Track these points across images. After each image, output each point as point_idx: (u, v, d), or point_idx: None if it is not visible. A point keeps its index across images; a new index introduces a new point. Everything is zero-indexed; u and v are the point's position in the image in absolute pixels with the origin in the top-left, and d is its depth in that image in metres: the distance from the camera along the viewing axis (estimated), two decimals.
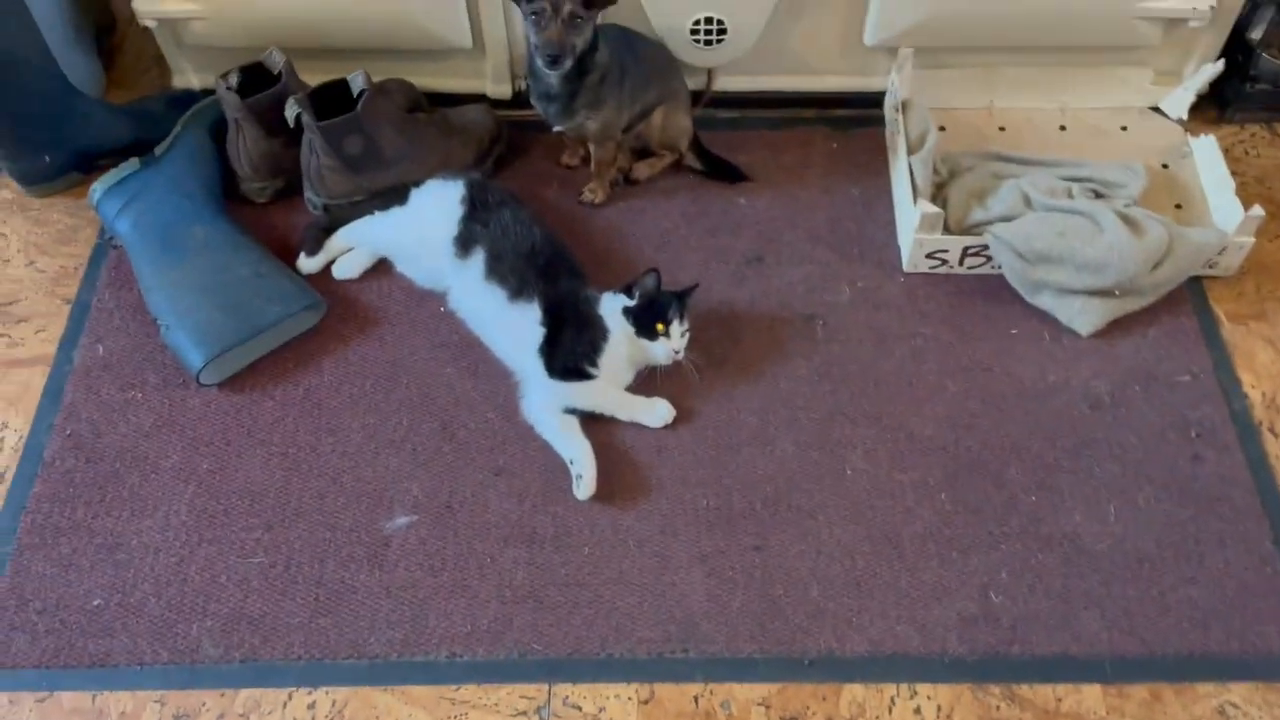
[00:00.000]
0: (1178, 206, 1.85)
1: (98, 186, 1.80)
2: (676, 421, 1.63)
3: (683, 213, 1.90)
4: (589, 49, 1.65)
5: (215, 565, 1.50)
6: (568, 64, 1.62)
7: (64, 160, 1.91)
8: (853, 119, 2.03)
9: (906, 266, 1.80)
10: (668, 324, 1.60)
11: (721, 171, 1.94)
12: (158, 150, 1.85)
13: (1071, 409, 1.64)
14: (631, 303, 1.62)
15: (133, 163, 1.82)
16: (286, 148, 1.84)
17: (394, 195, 1.80)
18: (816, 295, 1.78)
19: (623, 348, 1.62)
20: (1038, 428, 1.62)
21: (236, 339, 1.64)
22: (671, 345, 1.61)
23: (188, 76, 2.05)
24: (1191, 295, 1.76)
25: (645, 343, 1.61)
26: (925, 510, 1.54)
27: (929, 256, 1.77)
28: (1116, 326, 1.72)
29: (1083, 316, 1.70)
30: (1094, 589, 1.46)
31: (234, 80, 1.78)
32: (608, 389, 1.63)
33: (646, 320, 1.60)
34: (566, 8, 1.57)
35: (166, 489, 1.57)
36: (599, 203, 1.90)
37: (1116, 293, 1.69)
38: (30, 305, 1.80)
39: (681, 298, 1.64)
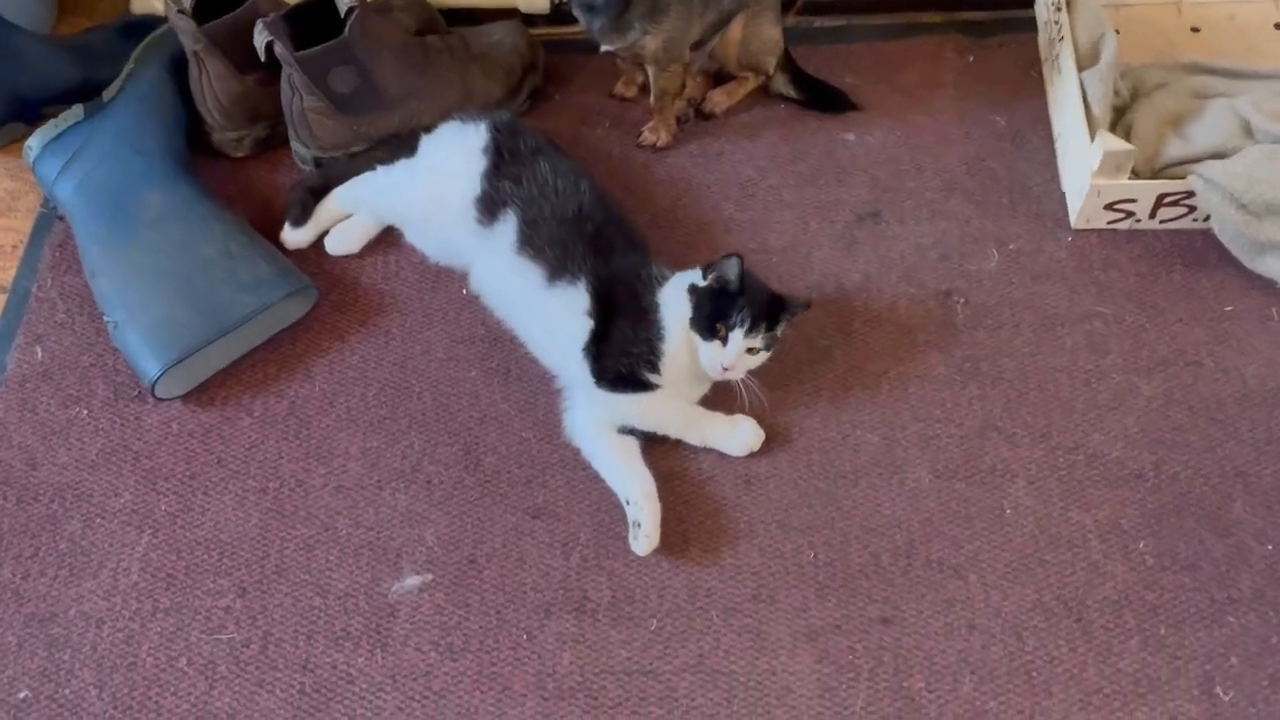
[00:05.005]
0: None
1: (34, 142, 1.53)
2: (770, 443, 1.33)
3: (772, 156, 1.62)
4: None
5: (174, 643, 1.23)
6: None
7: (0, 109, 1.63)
8: (994, 23, 1.75)
9: (1075, 222, 1.48)
10: (730, 327, 1.23)
11: (822, 99, 1.66)
12: (105, 94, 1.56)
13: None
14: (702, 282, 1.29)
15: (76, 111, 1.54)
16: (264, 86, 1.56)
17: (400, 145, 1.55)
18: (954, 263, 1.49)
19: (686, 346, 1.29)
20: (1270, 447, 1.31)
21: (200, 340, 1.37)
22: (720, 357, 1.25)
23: None
24: None
25: (695, 340, 1.27)
26: (1118, 566, 1.24)
27: (1109, 208, 1.43)
28: None
29: None
30: None
31: (187, 1, 1.46)
32: (674, 403, 1.33)
33: (708, 311, 1.26)
34: None
35: (115, 539, 1.31)
36: (663, 145, 1.63)
37: None
38: None
39: (775, 308, 1.28)
